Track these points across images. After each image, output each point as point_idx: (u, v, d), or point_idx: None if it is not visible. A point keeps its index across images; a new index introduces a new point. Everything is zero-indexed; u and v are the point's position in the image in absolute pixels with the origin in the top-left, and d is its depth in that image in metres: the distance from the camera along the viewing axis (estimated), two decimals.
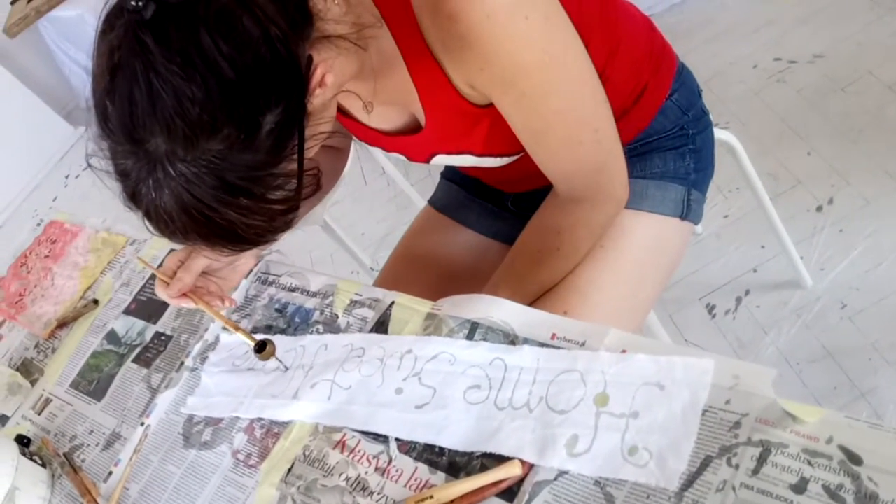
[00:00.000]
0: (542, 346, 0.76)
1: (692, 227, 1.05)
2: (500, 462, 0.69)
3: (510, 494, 0.67)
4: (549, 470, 0.67)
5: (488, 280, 0.97)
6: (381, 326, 0.88)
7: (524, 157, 0.91)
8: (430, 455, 0.74)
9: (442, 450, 0.74)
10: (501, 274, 0.95)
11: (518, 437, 0.70)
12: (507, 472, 0.67)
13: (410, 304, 0.89)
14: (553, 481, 0.66)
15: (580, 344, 0.74)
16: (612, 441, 0.65)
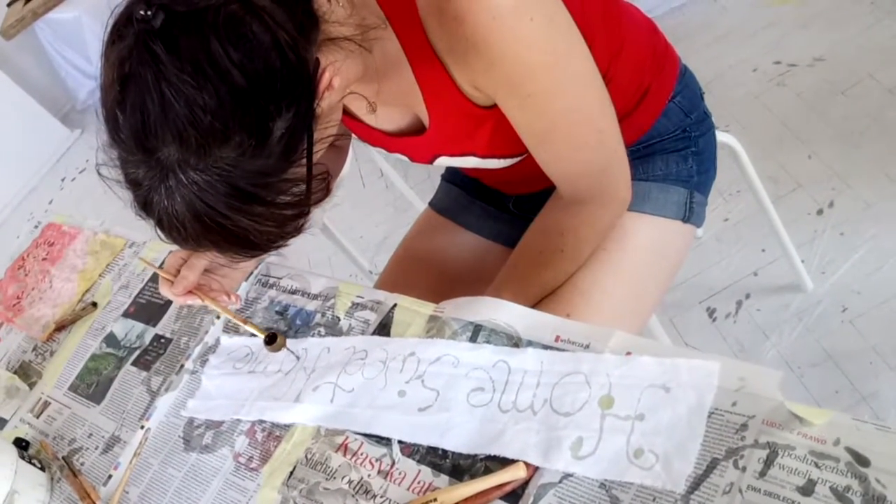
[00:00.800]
0: (546, 348, 0.75)
1: (694, 229, 1.05)
2: (505, 465, 0.69)
3: (515, 497, 0.67)
4: (553, 472, 0.66)
5: (489, 282, 0.97)
6: (384, 329, 0.88)
7: (527, 159, 0.91)
8: (433, 458, 0.74)
9: (445, 452, 0.73)
10: (504, 276, 0.95)
11: (522, 439, 0.69)
12: (512, 475, 0.67)
13: (413, 306, 0.88)
14: (558, 484, 0.65)
15: (584, 346, 0.74)
16: (618, 443, 0.65)
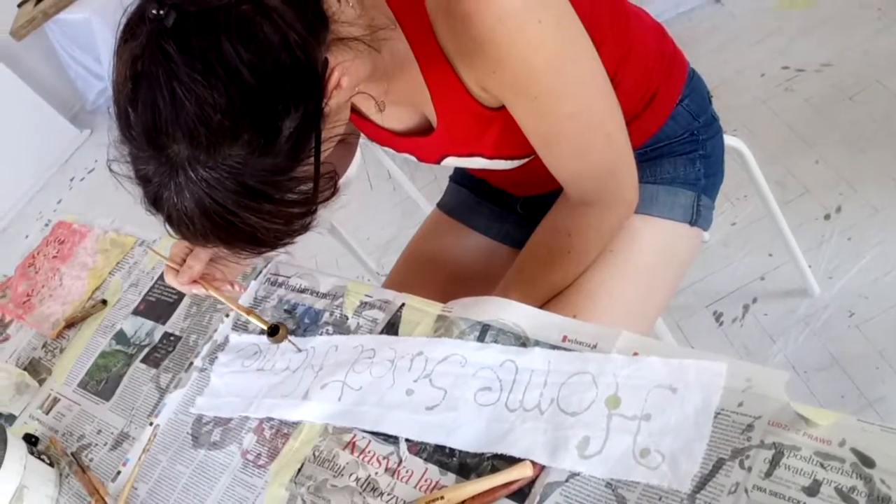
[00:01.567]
0: (554, 348, 0.76)
1: (701, 233, 1.05)
2: (511, 463, 0.69)
3: (521, 496, 0.67)
4: (560, 471, 0.66)
5: (496, 283, 0.97)
6: (392, 328, 0.88)
7: (534, 160, 0.91)
8: (440, 456, 0.74)
9: (452, 451, 0.74)
10: (512, 276, 0.95)
11: (529, 438, 0.70)
12: (519, 474, 0.67)
13: (421, 305, 0.89)
14: (564, 483, 0.66)
15: (591, 346, 0.74)
16: (624, 443, 0.65)
